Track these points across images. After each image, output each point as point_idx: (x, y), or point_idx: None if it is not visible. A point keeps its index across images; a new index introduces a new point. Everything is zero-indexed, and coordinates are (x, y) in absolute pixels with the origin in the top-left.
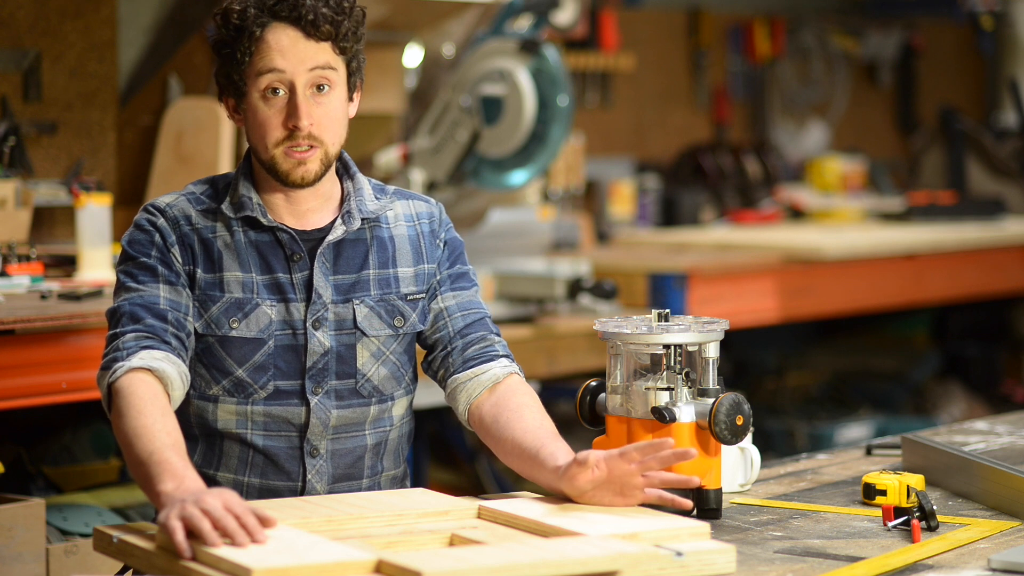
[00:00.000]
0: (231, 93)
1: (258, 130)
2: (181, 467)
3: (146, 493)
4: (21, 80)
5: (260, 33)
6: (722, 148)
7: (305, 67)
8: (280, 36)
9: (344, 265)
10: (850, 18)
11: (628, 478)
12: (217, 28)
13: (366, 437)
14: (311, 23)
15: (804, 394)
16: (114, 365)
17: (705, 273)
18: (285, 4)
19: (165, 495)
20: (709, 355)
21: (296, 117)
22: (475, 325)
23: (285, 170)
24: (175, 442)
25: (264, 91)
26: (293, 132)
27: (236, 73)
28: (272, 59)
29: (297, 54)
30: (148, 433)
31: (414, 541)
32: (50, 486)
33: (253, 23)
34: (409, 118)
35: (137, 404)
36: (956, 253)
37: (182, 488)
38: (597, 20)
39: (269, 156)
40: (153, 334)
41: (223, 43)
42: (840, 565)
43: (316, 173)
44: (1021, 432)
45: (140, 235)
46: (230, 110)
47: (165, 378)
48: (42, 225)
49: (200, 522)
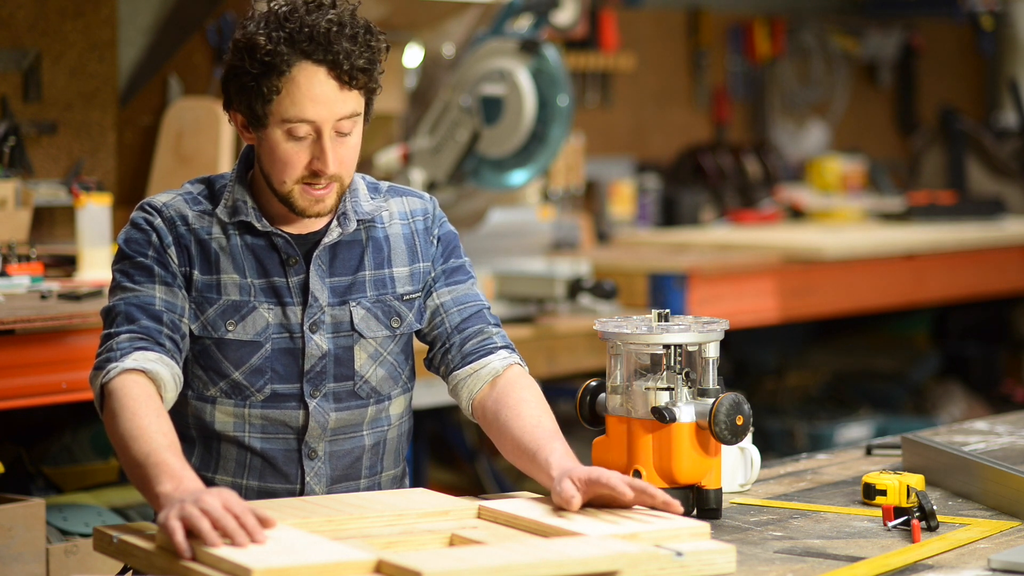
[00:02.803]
0: (246, 116)
1: (278, 165)
2: (179, 467)
3: (144, 495)
4: (21, 80)
5: (290, 73)
6: (722, 148)
7: (335, 116)
8: (312, 81)
9: (340, 267)
10: (850, 18)
11: (611, 497)
12: (239, 55)
13: (364, 438)
14: (347, 72)
15: (804, 394)
16: (107, 365)
17: (705, 273)
18: (319, 47)
19: (164, 496)
20: (709, 355)
21: (323, 164)
22: (472, 319)
23: (302, 206)
24: (171, 443)
25: (288, 131)
26: (315, 173)
27: (259, 106)
28: (304, 108)
29: (328, 105)
30: (144, 435)
31: (414, 541)
32: (50, 486)
33: (283, 62)
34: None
35: (131, 406)
36: (956, 253)
37: (181, 488)
38: (597, 20)
39: (287, 191)
40: (147, 335)
41: (246, 73)
42: (840, 565)
43: (331, 207)
44: (1021, 432)
45: (137, 234)
46: (239, 126)
47: (158, 380)
48: (42, 225)
49: (199, 522)
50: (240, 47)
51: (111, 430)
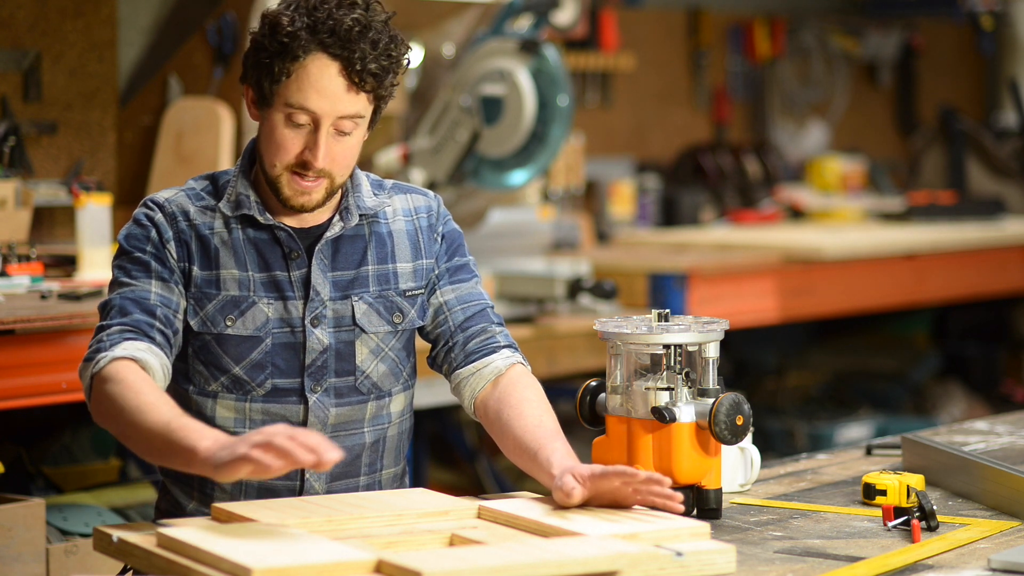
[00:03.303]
0: (255, 91)
1: (271, 146)
2: (206, 428)
3: (169, 459)
4: (21, 80)
5: (304, 60)
6: (722, 148)
7: (336, 113)
8: (323, 74)
9: (342, 261)
10: (850, 18)
11: (615, 492)
12: (263, 29)
13: (364, 435)
14: (358, 73)
15: (804, 394)
16: (97, 356)
17: (705, 273)
18: (338, 41)
19: (206, 450)
20: (709, 355)
21: (314, 155)
22: (476, 318)
23: (287, 195)
24: (183, 412)
25: (289, 116)
26: (305, 163)
27: (267, 83)
28: (307, 97)
29: (331, 100)
30: (155, 408)
31: (414, 541)
32: (50, 486)
33: (300, 47)
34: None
35: (133, 385)
36: (956, 253)
37: (221, 440)
38: (597, 20)
39: (275, 175)
40: (137, 328)
41: (264, 49)
42: (840, 565)
43: (318, 202)
44: (1021, 432)
45: (137, 230)
46: (248, 101)
47: (148, 368)
48: (42, 225)
49: (284, 441)
50: (265, 21)
51: (110, 411)
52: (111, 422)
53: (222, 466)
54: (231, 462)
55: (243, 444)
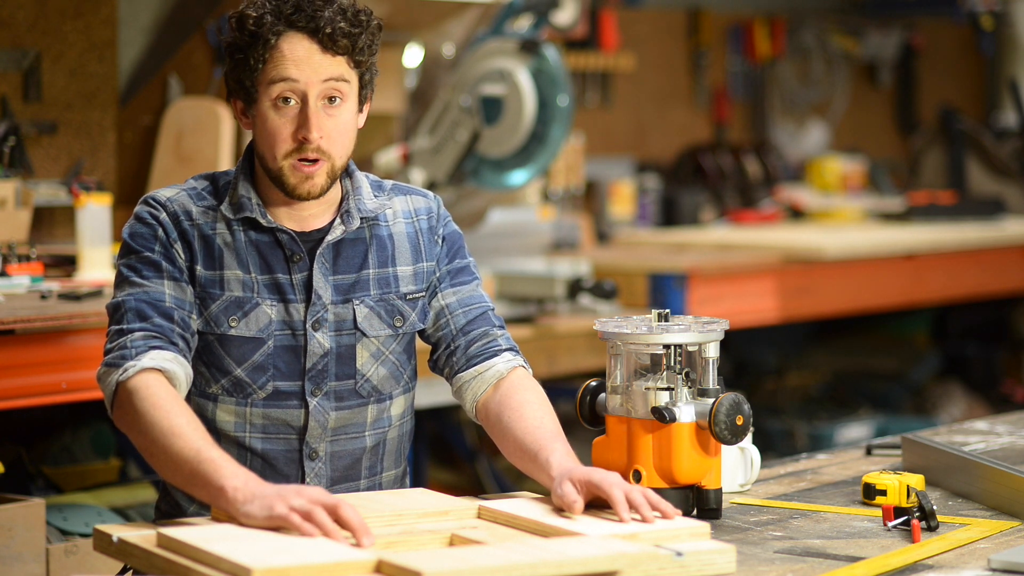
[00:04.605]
0: (241, 97)
1: (267, 139)
2: (235, 464)
3: (193, 489)
4: (21, 80)
5: (275, 41)
6: (722, 148)
7: (319, 78)
8: (295, 46)
9: (343, 265)
10: (850, 18)
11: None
12: (231, 32)
13: (365, 439)
14: (328, 36)
15: (804, 394)
16: (123, 363)
17: (705, 273)
18: (303, 14)
19: (235, 489)
20: (709, 355)
21: (307, 129)
22: (477, 321)
23: (292, 184)
24: (213, 441)
25: (275, 100)
26: (302, 144)
27: (248, 79)
28: (286, 68)
29: (311, 65)
30: (186, 432)
31: (414, 541)
32: (50, 486)
33: (269, 31)
34: (409, 118)
35: (164, 404)
36: (956, 253)
37: (251, 482)
38: (597, 20)
39: (277, 167)
40: (161, 334)
41: (237, 47)
42: (840, 565)
43: (322, 187)
44: (1021, 432)
45: (143, 228)
46: (238, 112)
47: (175, 380)
48: (42, 225)
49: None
50: (232, 21)
51: (136, 425)
52: (136, 436)
53: (254, 518)
54: (267, 518)
55: (281, 503)
